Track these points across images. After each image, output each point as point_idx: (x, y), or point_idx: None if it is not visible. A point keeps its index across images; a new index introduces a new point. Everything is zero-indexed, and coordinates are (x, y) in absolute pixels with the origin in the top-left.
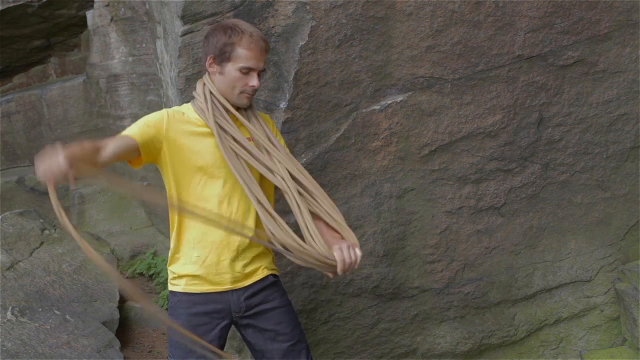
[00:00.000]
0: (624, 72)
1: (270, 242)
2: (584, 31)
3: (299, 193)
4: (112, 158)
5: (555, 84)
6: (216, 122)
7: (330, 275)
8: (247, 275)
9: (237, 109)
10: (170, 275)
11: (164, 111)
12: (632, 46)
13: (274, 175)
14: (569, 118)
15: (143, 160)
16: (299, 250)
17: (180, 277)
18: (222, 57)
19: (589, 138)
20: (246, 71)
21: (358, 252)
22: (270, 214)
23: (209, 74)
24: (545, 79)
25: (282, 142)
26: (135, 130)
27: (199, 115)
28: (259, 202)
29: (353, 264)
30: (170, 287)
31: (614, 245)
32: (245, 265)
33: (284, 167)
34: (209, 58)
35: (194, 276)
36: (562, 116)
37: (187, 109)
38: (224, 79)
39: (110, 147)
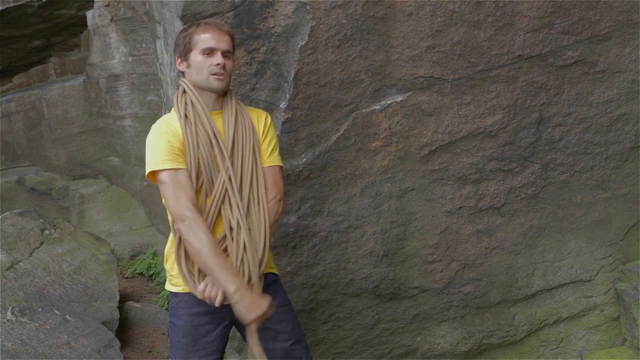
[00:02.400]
0: (624, 72)
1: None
2: (584, 31)
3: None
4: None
5: (555, 84)
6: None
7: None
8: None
9: (221, 100)
10: (169, 275)
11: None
12: (632, 46)
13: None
14: (569, 118)
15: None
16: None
17: (178, 277)
18: (185, 50)
19: (589, 138)
20: (209, 52)
21: (219, 296)
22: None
23: (183, 74)
24: (545, 79)
25: (273, 142)
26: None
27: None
28: None
29: (211, 299)
30: (170, 288)
31: (614, 245)
32: None
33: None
34: (177, 59)
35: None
36: (562, 116)
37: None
38: (192, 68)
39: (192, 197)
